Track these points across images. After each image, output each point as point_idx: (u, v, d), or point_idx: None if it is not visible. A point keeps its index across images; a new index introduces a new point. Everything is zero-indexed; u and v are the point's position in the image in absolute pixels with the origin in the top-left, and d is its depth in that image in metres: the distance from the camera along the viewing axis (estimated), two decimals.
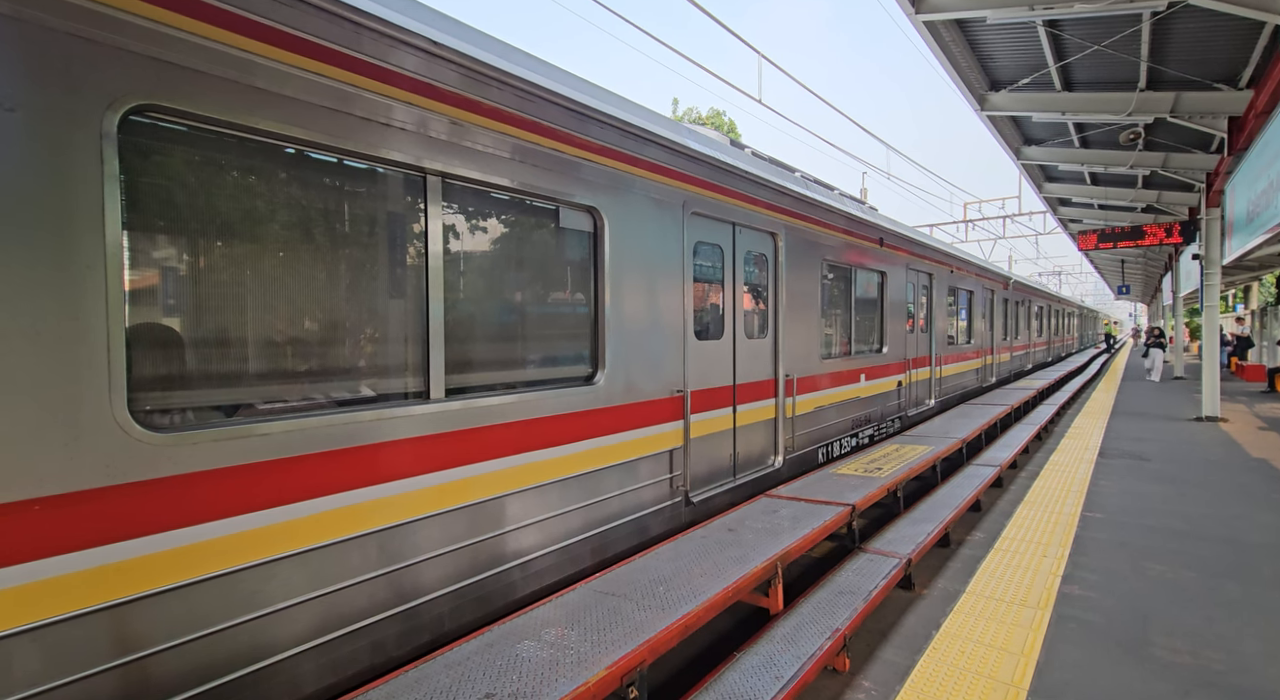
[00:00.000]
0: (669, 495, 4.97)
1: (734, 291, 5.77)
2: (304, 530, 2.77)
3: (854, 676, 3.18)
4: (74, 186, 2.18)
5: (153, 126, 2.45)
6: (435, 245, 3.37)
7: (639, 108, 4.82)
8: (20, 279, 2.07)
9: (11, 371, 2.05)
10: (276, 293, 2.90)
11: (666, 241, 4.93)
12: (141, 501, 2.31)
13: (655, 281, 4.82)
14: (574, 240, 4.29)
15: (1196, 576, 4.32)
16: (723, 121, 35.17)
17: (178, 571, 2.39)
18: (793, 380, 6.63)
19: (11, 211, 2.06)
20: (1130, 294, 38.83)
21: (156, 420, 2.45)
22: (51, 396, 2.12)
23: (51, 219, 2.14)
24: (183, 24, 2.42)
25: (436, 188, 3.36)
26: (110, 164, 2.25)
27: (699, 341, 5.32)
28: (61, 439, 2.14)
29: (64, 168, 2.16)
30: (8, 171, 2.05)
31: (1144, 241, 13.90)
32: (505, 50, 3.72)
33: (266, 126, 2.68)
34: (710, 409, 5.45)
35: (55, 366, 2.13)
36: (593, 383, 4.30)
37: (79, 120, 2.19)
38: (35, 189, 2.11)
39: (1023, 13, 6.95)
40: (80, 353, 2.18)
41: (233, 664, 2.55)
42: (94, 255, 2.22)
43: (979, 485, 6.88)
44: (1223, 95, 8.67)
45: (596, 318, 4.35)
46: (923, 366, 10.86)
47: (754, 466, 6.08)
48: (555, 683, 2.70)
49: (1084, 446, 8.85)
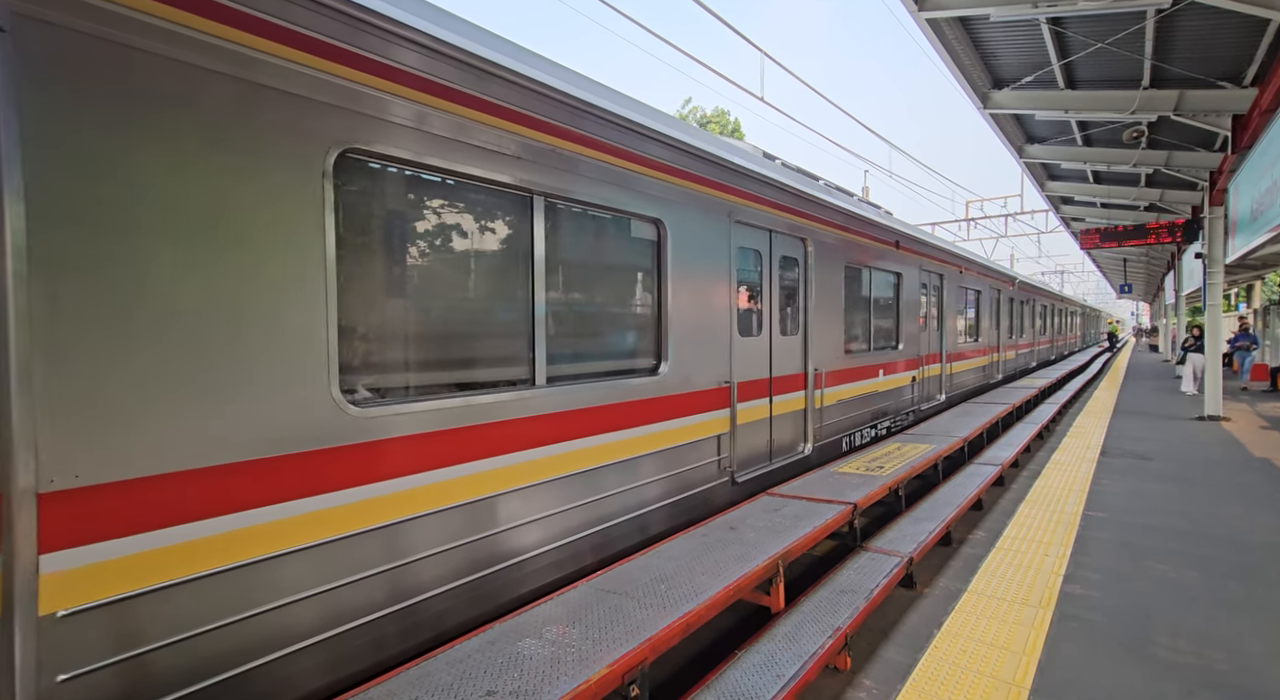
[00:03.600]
0: (718, 475, 5.52)
1: (770, 292, 6.35)
2: (454, 490, 3.40)
3: (855, 675, 3.17)
4: (307, 212, 2.80)
5: (355, 165, 3.07)
6: (539, 255, 3.97)
7: (693, 128, 5.61)
8: (274, 285, 2.69)
9: (274, 358, 2.69)
10: (435, 297, 3.58)
11: (716, 248, 5.50)
12: (348, 459, 2.95)
13: (707, 284, 5.39)
14: (642, 248, 4.89)
15: (1199, 576, 4.31)
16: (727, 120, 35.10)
17: (383, 515, 3.08)
18: (820, 374, 7.17)
19: (271, 234, 2.68)
20: (1132, 293, 38.76)
21: (356, 398, 3.07)
22: (296, 378, 2.76)
23: (296, 239, 2.75)
24: (378, 84, 3.04)
25: (540, 206, 3.96)
26: (328, 194, 2.87)
27: (742, 338, 5.84)
28: (303, 411, 2.79)
29: (301, 198, 2.77)
30: (267, 203, 2.67)
31: (1146, 240, 13.87)
32: (580, 80, 4.31)
33: (432, 162, 3.31)
34: (751, 399, 5.99)
35: (299, 353, 2.78)
36: (657, 373, 4.88)
37: (309, 162, 2.80)
38: (284, 215, 2.73)
39: (1026, 10, 6.92)
40: (313, 344, 2.82)
41: (420, 588, 3.27)
42: (319, 268, 2.83)
43: (981, 484, 6.87)
44: (1227, 93, 8.64)
45: (660, 316, 4.94)
46: (934, 363, 11.29)
47: (787, 453, 6.61)
48: (557, 680, 2.70)
49: (1086, 445, 8.83)
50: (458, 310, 3.70)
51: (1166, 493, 6.39)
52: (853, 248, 7.93)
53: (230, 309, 2.56)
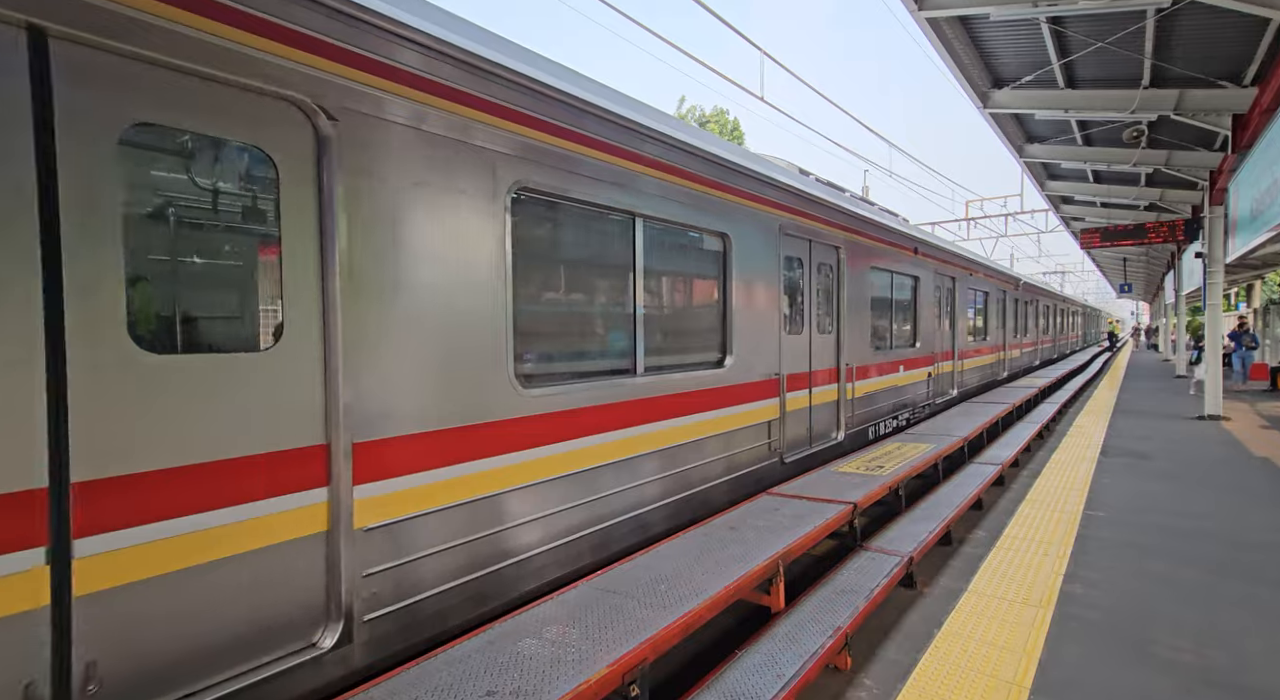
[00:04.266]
0: (769, 456, 6.30)
1: (810, 295, 7.08)
2: (583, 457, 4.19)
3: (856, 675, 3.17)
4: (496, 238, 3.60)
5: (523, 199, 3.85)
6: (639, 266, 4.75)
7: (751, 153, 6.57)
8: (480, 294, 3.53)
9: (478, 351, 3.52)
10: (570, 302, 4.51)
11: (768, 256, 6.25)
12: (518, 429, 3.76)
13: (761, 288, 6.13)
14: (711, 258, 5.66)
15: (1199, 575, 4.31)
16: (726, 119, 35.09)
17: (563, 467, 4.02)
18: (851, 369, 7.90)
19: (476, 256, 3.51)
20: (1132, 292, 38.73)
21: (523, 382, 3.80)
22: (494, 364, 3.60)
23: (490, 259, 3.58)
24: (543, 138, 3.89)
25: (640, 225, 4.75)
26: (507, 223, 3.66)
27: (788, 335, 6.61)
28: (495, 391, 3.61)
29: (492, 228, 3.59)
30: (474, 233, 3.50)
31: (1146, 240, 13.87)
32: (668, 118, 5.13)
33: (571, 194, 4.10)
34: (795, 390, 6.73)
35: (495, 347, 3.61)
36: (723, 366, 5.61)
37: (495, 198, 3.59)
38: (484, 241, 3.55)
39: (1026, 9, 6.92)
40: (500, 339, 3.63)
41: (582, 525, 4.20)
42: (502, 281, 3.64)
43: (981, 483, 6.87)
44: (1227, 93, 8.63)
45: (725, 316, 5.67)
46: (947, 360, 12.02)
47: (824, 438, 7.34)
48: (556, 681, 2.70)
49: (1086, 445, 8.83)
50: (585, 312, 4.61)
51: (1167, 492, 6.39)
52: (878, 254, 8.69)
53: (461, 314, 3.44)
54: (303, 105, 2.79)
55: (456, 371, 3.41)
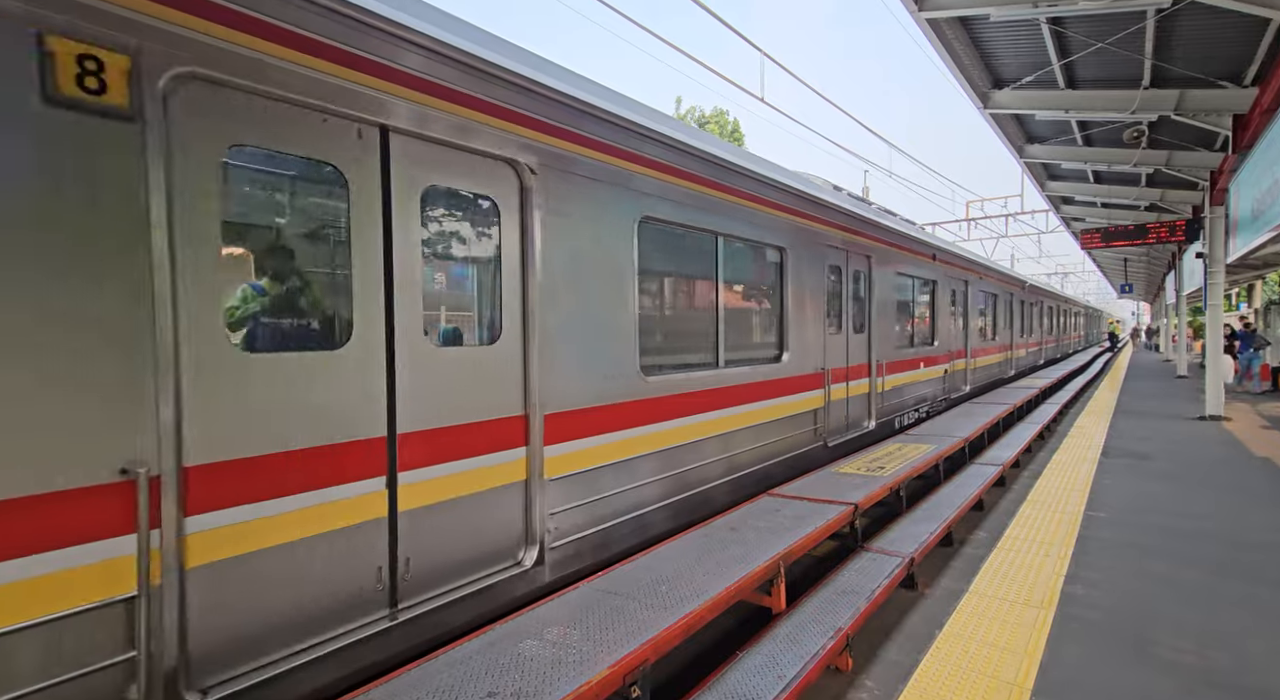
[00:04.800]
0: (815, 440, 7.18)
1: (846, 298, 7.93)
2: (684, 433, 5.12)
3: (857, 676, 3.17)
4: (628, 259, 4.53)
5: (646, 224, 4.72)
6: (720, 276, 5.64)
7: (805, 178, 7.62)
8: (622, 301, 4.46)
9: (619, 347, 4.45)
10: (671, 306, 5.53)
11: (816, 266, 7.12)
12: (644, 408, 4.69)
13: (809, 293, 6.98)
14: (772, 269, 6.58)
15: (1200, 576, 4.30)
16: (726, 120, 35.08)
17: (647, 445, 4.75)
18: (881, 365, 8.80)
19: (618, 271, 4.43)
20: (1133, 293, 38.70)
21: (647, 372, 4.72)
22: (628, 358, 4.53)
23: (625, 272, 4.50)
24: (666, 177, 4.87)
25: (720, 242, 5.63)
26: (635, 244, 4.58)
27: (829, 334, 7.46)
28: (628, 378, 4.54)
29: (626, 251, 4.50)
30: (616, 253, 4.42)
31: (1147, 240, 13.86)
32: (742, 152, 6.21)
33: (676, 219, 5.02)
34: (836, 383, 7.60)
35: (629, 344, 4.54)
36: (781, 360, 6.51)
37: (630, 227, 4.54)
38: (620, 259, 4.46)
39: (1026, 10, 6.93)
40: (631, 338, 4.55)
41: (688, 486, 5.19)
42: (632, 290, 4.55)
43: (981, 484, 6.86)
44: (1227, 93, 8.63)
45: (782, 317, 6.57)
46: (960, 358, 12.85)
47: (858, 427, 8.22)
48: (558, 682, 2.70)
49: (1087, 445, 8.83)
50: (683, 314, 5.65)
51: (1168, 492, 6.38)
52: (902, 261, 9.54)
53: (607, 318, 4.36)
54: (515, 165, 3.72)
55: (605, 363, 4.35)
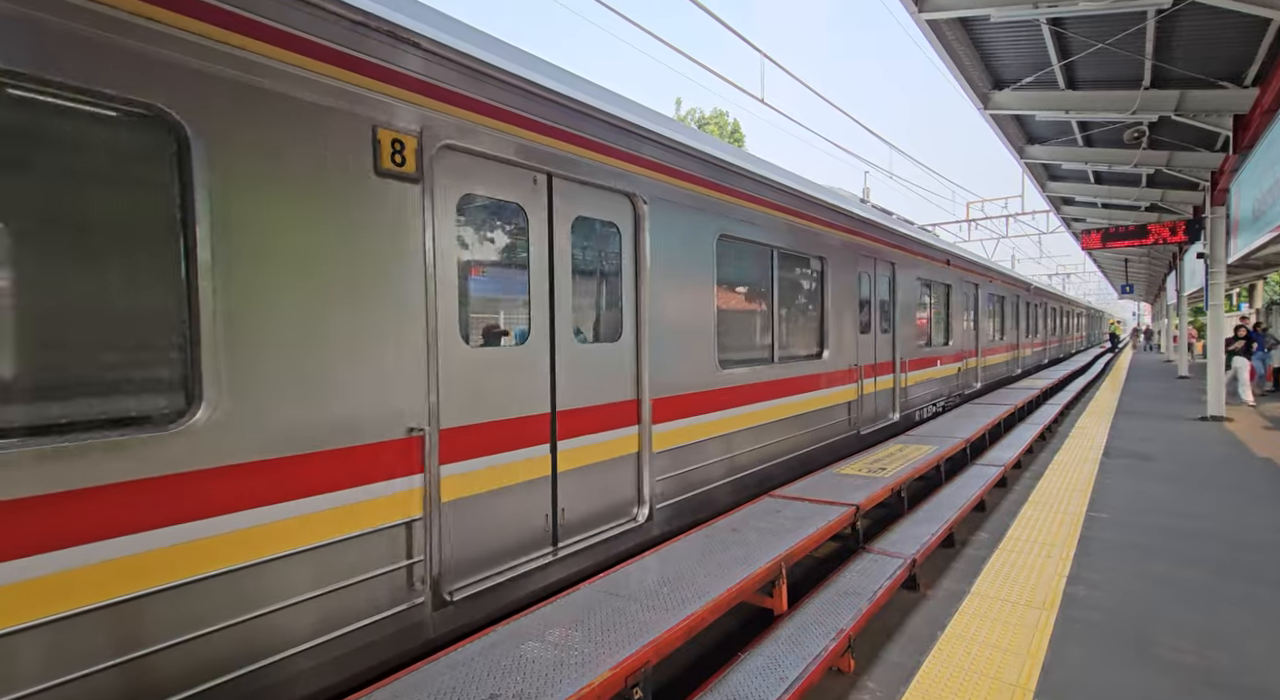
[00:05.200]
0: (849, 429, 8.04)
1: (874, 301, 8.82)
2: (753, 417, 6.04)
3: (859, 677, 3.17)
4: (709, 270, 5.44)
5: (722, 241, 5.62)
6: (775, 283, 6.53)
7: (840, 194, 8.75)
8: (702, 305, 5.34)
9: (702, 342, 5.33)
10: (737, 310, 6.23)
11: (850, 273, 8.02)
12: (720, 396, 5.56)
13: (845, 296, 7.87)
14: (815, 276, 7.43)
15: (1202, 576, 4.30)
16: (726, 121, 35.09)
17: (724, 427, 5.64)
18: (905, 362, 9.71)
19: (700, 282, 5.33)
20: (1134, 293, 38.65)
21: (722, 365, 5.60)
22: (708, 354, 5.41)
23: (707, 284, 5.43)
24: (736, 200, 5.74)
25: (775, 254, 6.55)
26: (715, 257, 5.49)
27: (861, 334, 8.31)
28: (708, 371, 5.41)
29: (708, 262, 5.44)
30: (699, 268, 5.33)
31: (1148, 240, 13.84)
32: (794, 176, 7.07)
33: (743, 235, 5.91)
34: (867, 378, 8.49)
35: (709, 340, 5.42)
36: (822, 357, 7.41)
37: (711, 243, 5.45)
38: (703, 273, 5.39)
39: (1026, 11, 6.92)
40: (711, 334, 5.44)
41: (751, 464, 6.07)
42: (711, 297, 5.46)
43: (983, 485, 6.86)
44: (1228, 93, 8.62)
45: (823, 319, 7.45)
46: (972, 357, 13.75)
47: (885, 418, 9.13)
48: (559, 684, 2.70)
49: (1088, 446, 8.82)
50: (746, 315, 6.41)
51: (1169, 493, 6.38)
52: (921, 266, 10.45)
53: (694, 318, 5.26)
54: (632, 198, 4.63)
55: (693, 357, 5.23)
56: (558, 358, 4.03)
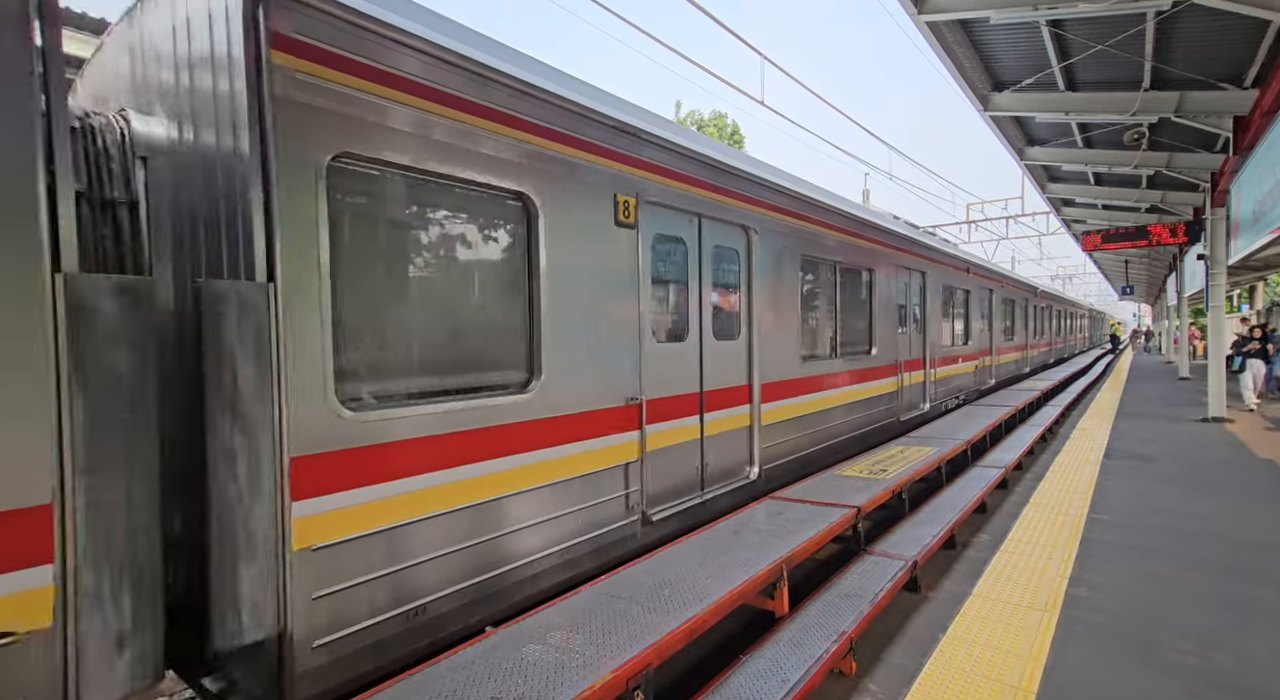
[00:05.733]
0: (889, 416, 9.13)
1: (909, 306, 10.00)
2: (822, 402, 7.20)
3: (860, 680, 3.16)
4: (796, 281, 6.66)
5: (804, 259, 6.80)
6: (838, 292, 7.70)
7: (885, 215, 10.45)
8: (792, 308, 6.53)
9: (788, 339, 6.51)
10: (812, 313, 7.32)
11: (890, 282, 9.16)
12: (800, 384, 6.74)
13: (887, 301, 9.05)
14: (865, 285, 8.53)
15: (1204, 578, 4.29)
16: (725, 123, 35.11)
17: (806, 409, 6.87)
18: (935, 359, 10.98)
19: (790, 292, 6.53)
20: (1134, 295, 38.65)
21: (801, 359, 6.73)
22: (794, 348, 6.61)
23: (795, 294, 6.66)
24: (813, 226, 6.88)
25: (839, 267, 7.67)
26: (799, 271, 6.74)
27: (898, 334, 9.48)
28: (796, 362, 6.63)
29: (796, 275, 6.68)
30: (789, 279, 6.53)
31: (1148, 242, 13.84)
32: (851, 203, 8.51)
33: (816, 254, 7.02)
34: (904, 372, 9.65)
35: (794, 338, 6.62)
36: (871, 354, 8.52)
37: (796, 258, 6.67)
38: (792, 284, 6.58)
39: (1026, 13, 6.93)
40: (795, 334, 6.61)
41: (822, 441, 7.24)
42: (796, 301, 6.63)
43: (984, 487, 6.85)
44: (1228, 95, 8.63)
45: (871, 320, 8.56)
46: (986, 355, 14.94)
47: (918, 408, 10.31)
48: (561, 686, 2.69)
49: (1089, 447, 8.82)
50: (818, 315, 7.50)
51: (1170, 494, 6.37)
52: (946, 274, 11.59)
53: (786, 318, 6.38)
54: (747, 229, 5.84)
55: (783, 351, 6.33)
56: (704, 351, 5.35)
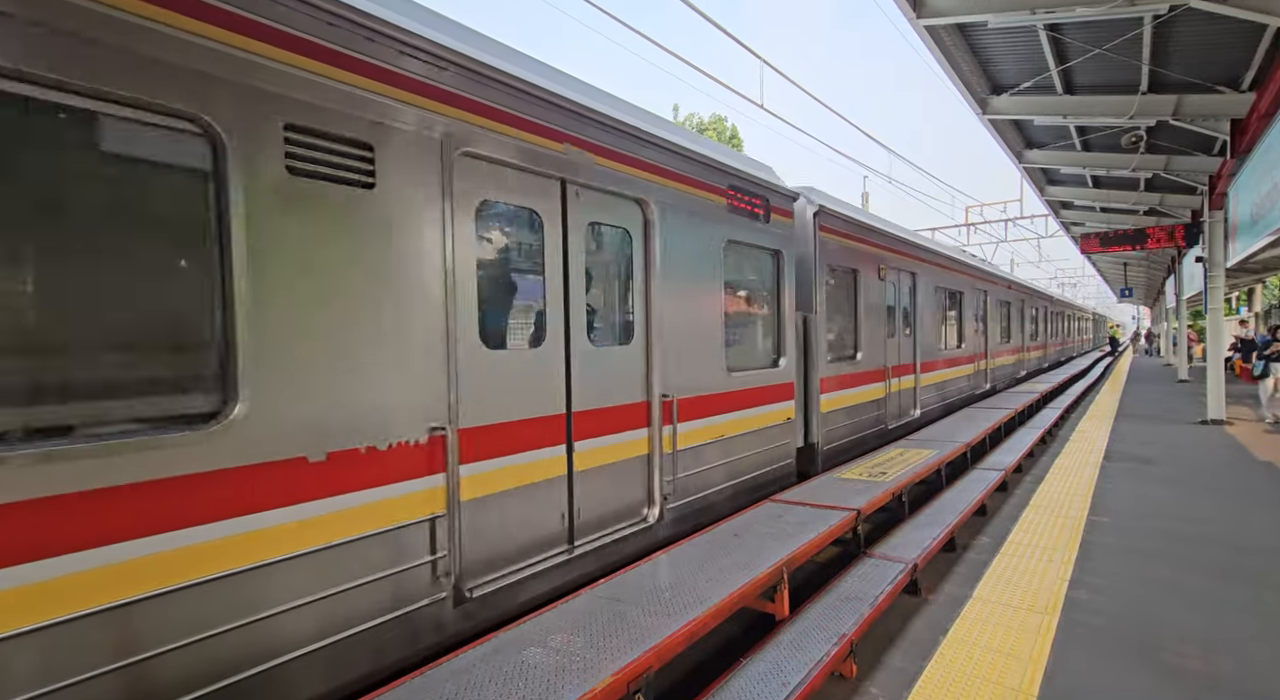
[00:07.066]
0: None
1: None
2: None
3: (861, 683, 3.15)
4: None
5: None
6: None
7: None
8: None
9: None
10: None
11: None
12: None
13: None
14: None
15: (1204, 581, 4.29)
16: (724, 126, 35.18)
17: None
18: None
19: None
20: (1133, 297, 38.70)
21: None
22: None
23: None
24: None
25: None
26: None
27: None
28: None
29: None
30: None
31: (1147, 244, 13.87)
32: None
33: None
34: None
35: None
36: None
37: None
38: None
39: (1024, 17, 6.96)
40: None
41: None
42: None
43: (984, 489, 6.85)
44: (1225, 98, 8.66)
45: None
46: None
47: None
48: (562, 690, 2.69)
49: (1089, 450, 8.82)
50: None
51: (1171, 497, 6.37)
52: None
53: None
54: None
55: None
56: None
